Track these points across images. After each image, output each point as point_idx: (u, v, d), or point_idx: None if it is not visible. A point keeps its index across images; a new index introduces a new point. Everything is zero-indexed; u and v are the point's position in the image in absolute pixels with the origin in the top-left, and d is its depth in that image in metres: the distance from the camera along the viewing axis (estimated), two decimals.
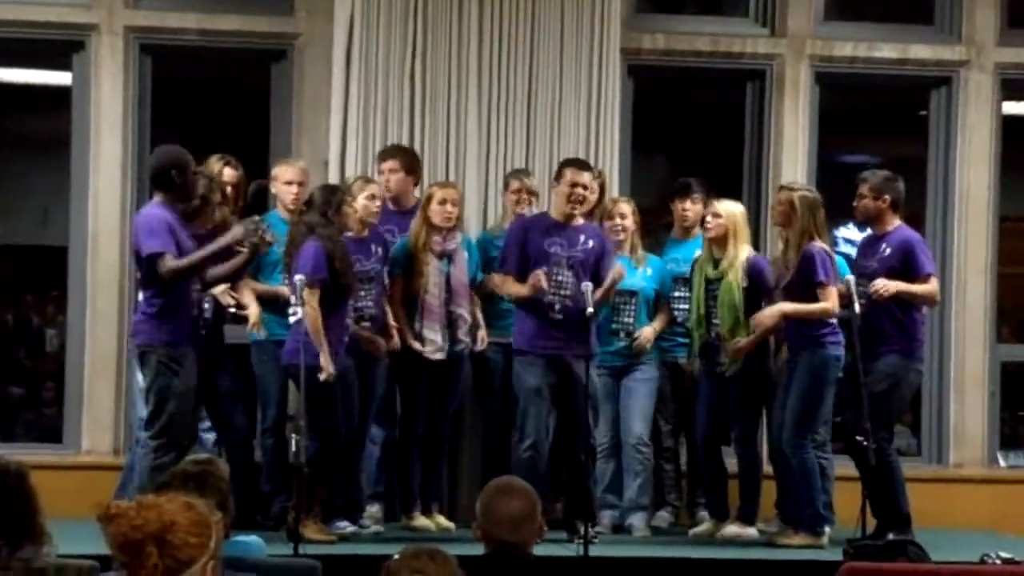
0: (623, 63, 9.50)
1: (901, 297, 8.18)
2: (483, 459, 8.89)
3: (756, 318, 8.25)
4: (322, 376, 7.67)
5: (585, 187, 8.29)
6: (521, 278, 8.25)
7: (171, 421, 7.38)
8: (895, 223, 8.41)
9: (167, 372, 7.38)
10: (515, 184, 8.86)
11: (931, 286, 8.34)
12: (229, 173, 8.47)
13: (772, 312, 8.22)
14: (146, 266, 7.40)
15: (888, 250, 8.30)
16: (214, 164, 8.39)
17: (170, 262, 7.31)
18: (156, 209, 7.48)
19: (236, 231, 7.54)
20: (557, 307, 8.18)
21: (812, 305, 8.13)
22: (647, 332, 8.70)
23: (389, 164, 8.79)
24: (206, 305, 8.01)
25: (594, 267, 8.24)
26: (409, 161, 8.84)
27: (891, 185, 8.39)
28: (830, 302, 8.12)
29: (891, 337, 8.18)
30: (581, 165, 8.42)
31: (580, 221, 8.33)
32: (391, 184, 8.75)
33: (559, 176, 8.36)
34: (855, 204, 8.43)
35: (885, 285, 8.12)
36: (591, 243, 8.26)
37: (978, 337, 9.94)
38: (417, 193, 8.84)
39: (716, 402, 8.55)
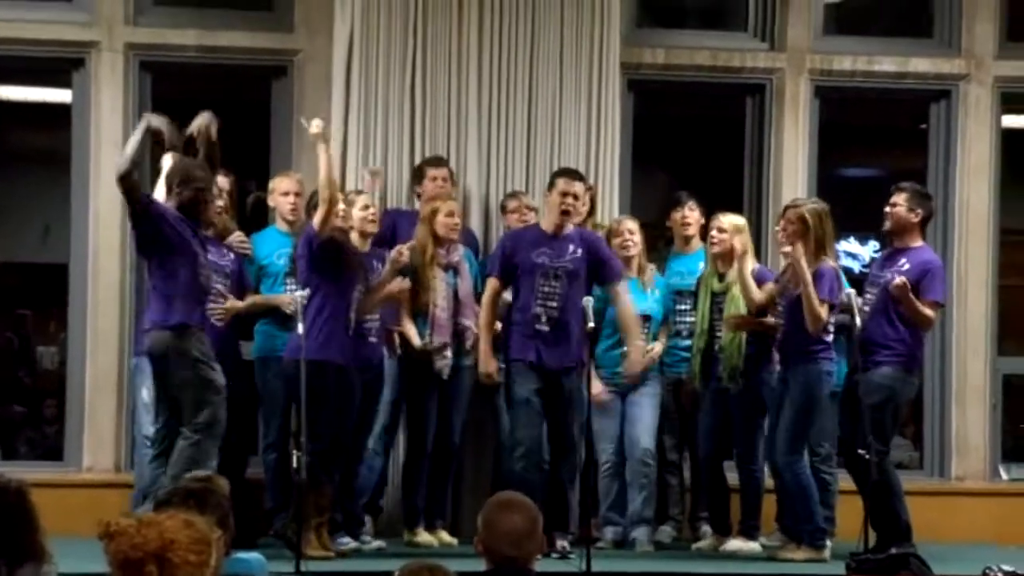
0: (623, 78, 9.51)
1: (900, 308, 8.12)
2: (487, 474, 8.87)
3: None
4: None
5: (576, 197, 8.25)
6: (507, 287, 8.25)
7: (214, 416, 7.39)
8: (919, 241, 8.35)
9: (205, 367, 7.39)
10: (513, 204, 8.88)
11: (931, 312, 8.26)
12: (222, 180, 8.42)
13: (803, 276, 8.08)
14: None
15: (907, 265, 8.20)
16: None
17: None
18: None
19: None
20: (544, 319, 8.17)
21: (811, 310, 8.05)
22: (641, 361, 8.50)
23: (443, 172, 8.79)
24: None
25: (590, 274, 8.22)
26: (452, 174, 8.87)
27: (926, 202, 8.35)
28: (823, 317, 8.08)
29: (889, 349, 8.15)
30: (573, 175, 8.39)
31: (569, 229, 8.28)
32: (445, 188, 8.74)
33: (551, 186, 8.34)
34: (887, 210, 8.31)
35: (900, 284, 8.04)
36: (579, 252, 8.22)
37: (979, 349, 9.94)
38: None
39: (718, 418, 8.56)
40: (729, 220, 8.55)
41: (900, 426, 9.02)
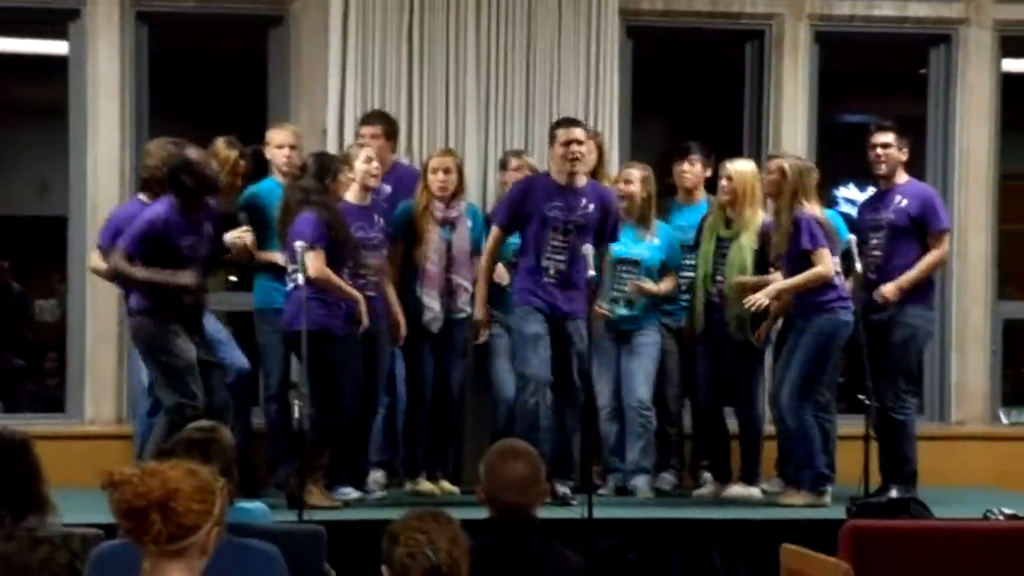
0: (622, 24, 9.47)
1: (912, 282, 8.18)
2: (488, 424, 8.88)
3: (751, 299, 8.17)
4: (362, 328, 7.81)
5: (580, 142, 8.19)
6: (512, 235, 8.25)
7: (179, 396, 7.51)
8: (905, 176, 8.43)
9: (159, 350, 7.54)
10: (515, 162, 8.82)
11: (938, 251, 8.31)
12: (225, 151, 8.41)
13: (768, 291, 8.15)
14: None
15: (905, 201, 8.29)
16: (222, 150, 8.34)
17: (119, 261, 7.54)
18: (157, 207, 7.60)
19: (188, 278, 7.57)
20: (552, 271, 8.15)
21: (805, 273, 8.08)
22: (647, 283, 8.62)
23: (372, 130, 8.74)
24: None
25: (596, 228, 8.22)
26: (389, 126, 8.81)
27: (906, 138, 8.42)
28: (822, 266, 8.07)
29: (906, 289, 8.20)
30: (571, 123, 8.33)
31: (583, 182, 8.27)
32: (374, 149, 8.74)
33: (552, 138, 8.28)
34: (879, 154, 8.33)
35: (892, 292, 8.11)
36: (591, 207, 8.20)
37: (979, 294, 9.95)
38: (395, 158, 8.84)
39: (717, 365, 8.54)
40: (736, 167, 8.48)
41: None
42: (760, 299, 8.11)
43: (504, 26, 9.18)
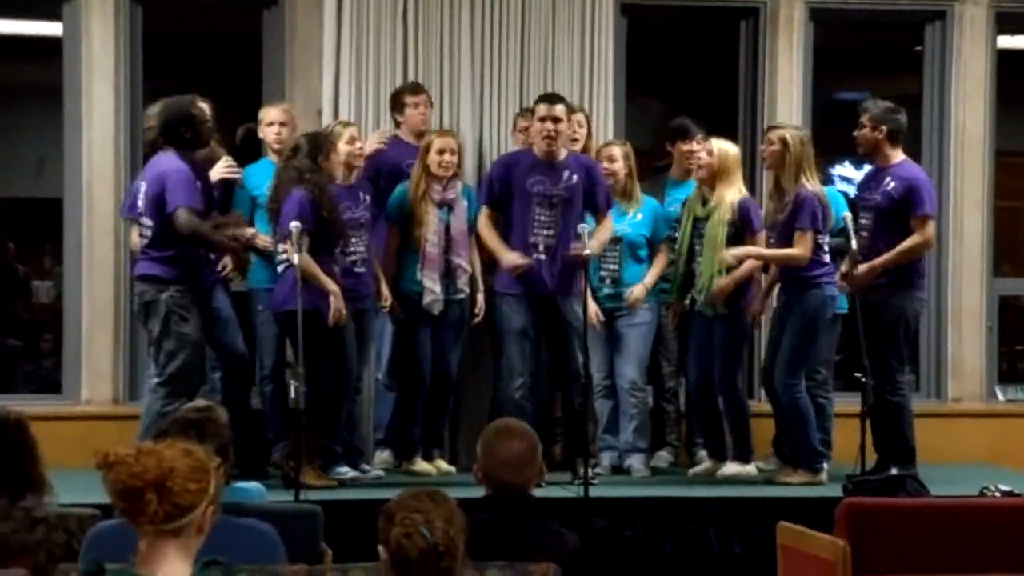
0: (616, 2, 9.44)
1: (899, 228, 8.16)
2: (485, 404, 8.88)
3: (722, 254, 8.20)
4: (332, 319, 7.74)
5: (556, 119, 8.14)
6: (502, 214, 8.20)
7: (182, 369, 7.51)
8: (898, 156, 8.32)
9: (178, 320, 7.51)
10: (522, 123, 8.82)
11: (917, 238, 8.21)
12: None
13: (737, 251, 8.18)
14: (165, 218, 7.54)
15: (892, 183, 8.21)
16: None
17: (194, 219, 7.48)
18: (177, 163, 7.56)
19: (249, 231, 7.75)
20: (541, 247, 8.14)
21: (777, 251, 8.12)
22: (638, 290, 8.59)
23: (423, 98, 8.78)
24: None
25: (584, 200, 8.20)
26: (429, 97, 8.86)
27: (890, 116, 8.28)
28: (800, 249, 8.07)
29: (889, 270, 8.15)
30: (552, 99, 8.27)
31: (563, 155, 8.23)
32: (424, 116, 8.75)
33: (533, 113, 8.27)
34: (855, 133, 8.34)
35: (863, 274, 8.09)
36: (575, 178, 8.18)
37: (975, 272, 9.94)
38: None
39: (706, 346, 8.51)
40: (717, 145, 8.46)
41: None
42: (726, 256, 8.12)
43: (498, 6, 9.15)
